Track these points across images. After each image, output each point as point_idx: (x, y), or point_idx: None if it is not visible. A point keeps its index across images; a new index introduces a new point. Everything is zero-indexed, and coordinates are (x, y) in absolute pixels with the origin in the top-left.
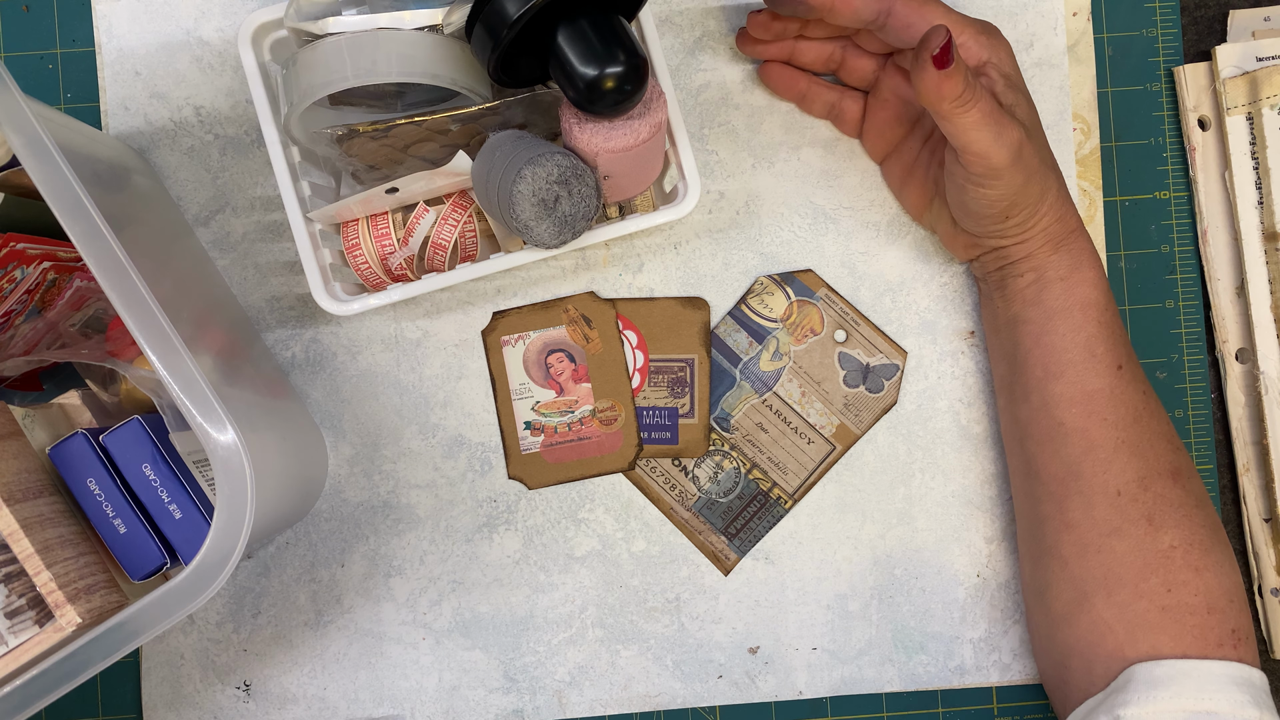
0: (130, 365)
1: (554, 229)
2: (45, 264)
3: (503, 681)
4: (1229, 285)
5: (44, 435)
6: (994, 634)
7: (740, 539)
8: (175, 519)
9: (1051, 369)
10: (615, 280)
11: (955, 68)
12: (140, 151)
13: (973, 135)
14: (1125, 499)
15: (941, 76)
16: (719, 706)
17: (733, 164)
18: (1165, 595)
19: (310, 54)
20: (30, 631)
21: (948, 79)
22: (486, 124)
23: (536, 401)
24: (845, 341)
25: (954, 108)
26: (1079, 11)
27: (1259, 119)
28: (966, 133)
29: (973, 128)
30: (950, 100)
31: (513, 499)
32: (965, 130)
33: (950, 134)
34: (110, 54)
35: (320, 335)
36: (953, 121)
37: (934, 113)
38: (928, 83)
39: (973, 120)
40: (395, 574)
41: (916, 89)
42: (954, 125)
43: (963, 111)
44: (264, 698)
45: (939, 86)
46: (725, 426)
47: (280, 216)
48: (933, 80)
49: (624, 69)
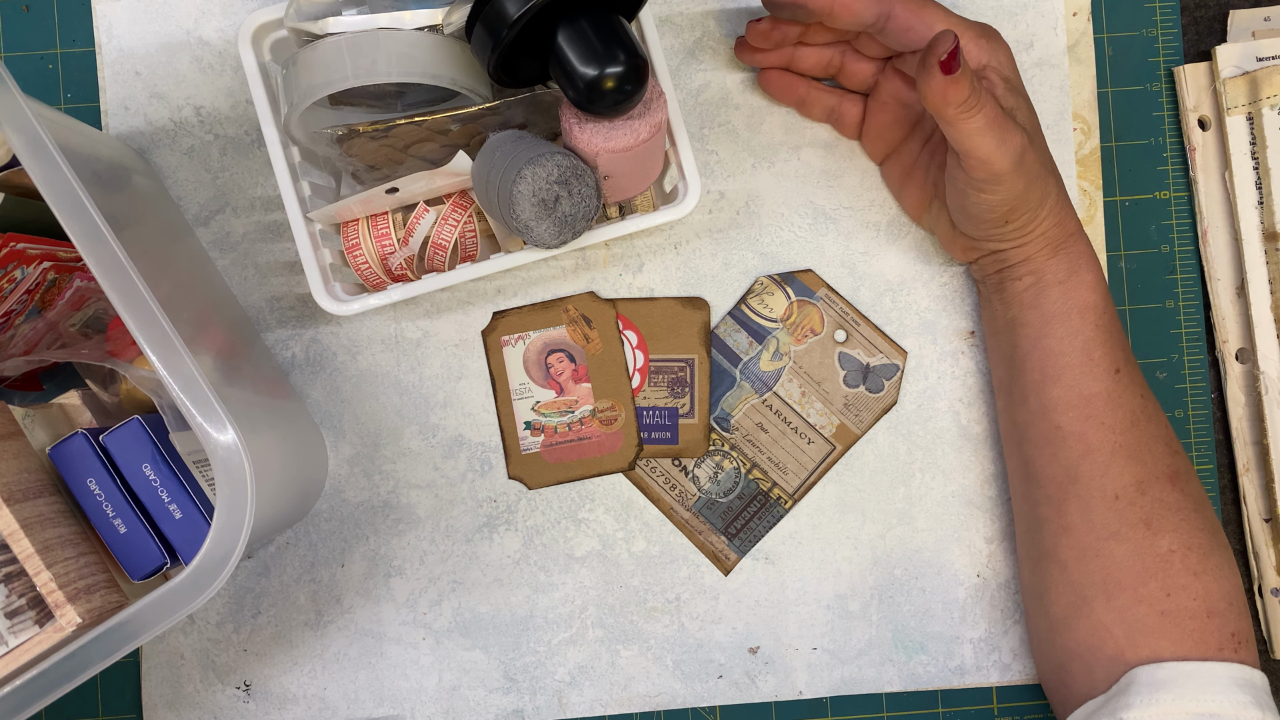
0: (130, 365)
1: (554, 229)
2: (45, 264)
3: (503, 681)
4: (1229, 285)
5: (44, 435)
6: (994, 634)
7: (740, 539)
8: (175, 519)
9: (1049, 372)
10: (615, 280)
11: (962, 73)
12: (140, 151)
13: (977, 140)
14: (1123, 503)
15: (948, 82)
16: (719, 706)
17: (733, 164)
18: (1164, 599)
19: (310, 54)
20: (30, 631)
21: (954, 84)
22: (486, 124)
23: (536, 401)
24: (845, 341)
25: (959, 113)
26: (1079, 11)
27: (1259, 119)
28: (970, 138)
29: (977, 133)
30: (956, 105)
31: (513, 499)
32: (969, 135)
33: (954, 139)
34: (110, 54)
35: (320, 335)
36: (957, 127)
37: (939, 118)
38: (934, 88)
39: (977, 126)
40: (395, 574)
41: (922, 94)
42: (958, 130)
43: (968, 117)
44: (264, 698)
45: (945, 92)
46: (725, 426)
47: (280, 216)
48: (939, 85)
49: (624, 69)
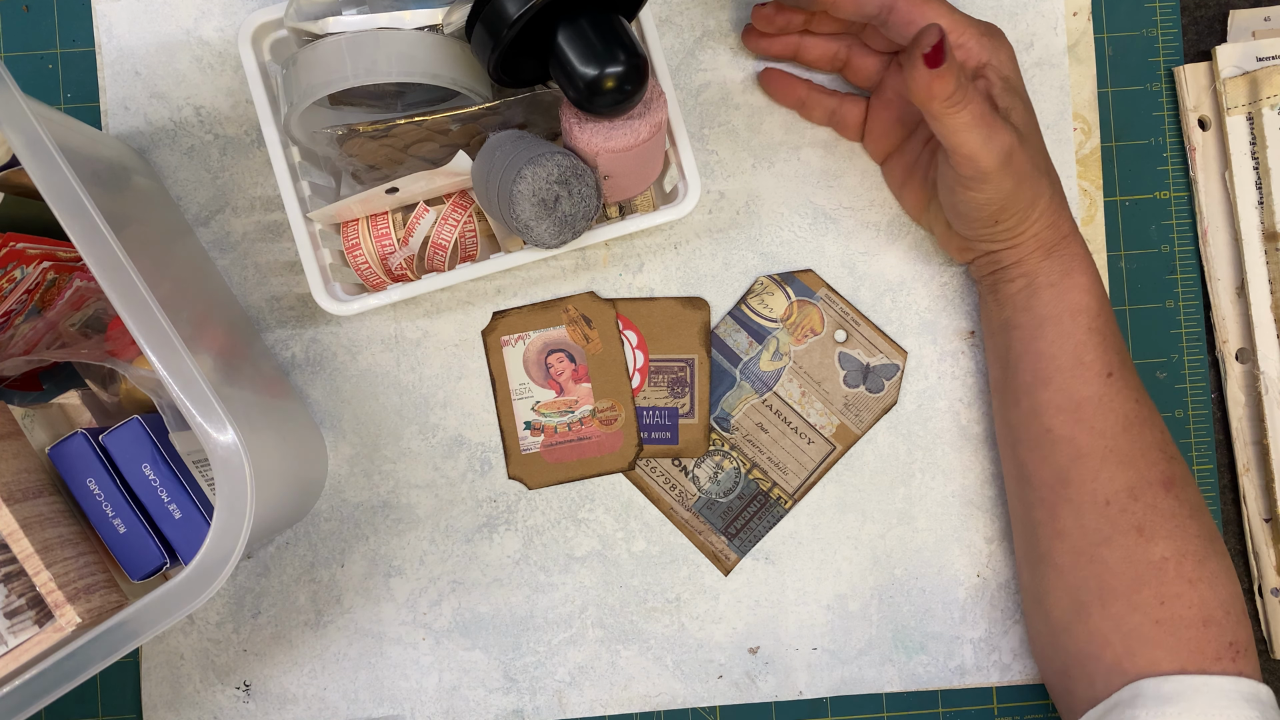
0: (130, 365)
1: (554, 229)
2: (45, 264)
3: (503, 681)
4: (1229, 285)
5: (44, 435)
6: (994, 634)
7: (740, 539)
8: (175, 519)
9: (1040, 375)
10: (615, 280)
11: (947, 67)
12: (140, 151)
13: (962, 136)
14: (1115, 509)
15: (932, 75)
16: (719, 706)
17: (733, 164)
18: (1159, 608)
19: (310, 54)
20: (30, 631)
21: (939, 78)
22: (486, 124)
23: (536, 401)
24: (845, 341)
25: (944, 108)
26: (1079, 11)
27: (1259, 119)
28: (956, 134)
29: (963, 129)
30: (941, 100)
31: (513, 499)
32: (955, 131)
33: (940, 134)
34: (110, 54)
35: (320, 335)
36: (943, 121)
37: (925, 112)
38: (919, 81)
39: (963, 121)
40: (395, 574)
41: (908, 87)
42: (944, 125)
43: (953, 112)
44: (264, 698)
45: (930, 85)
46: (725, 426)
47: (280, 216)
48: (924, 79)
49: (624, 69)
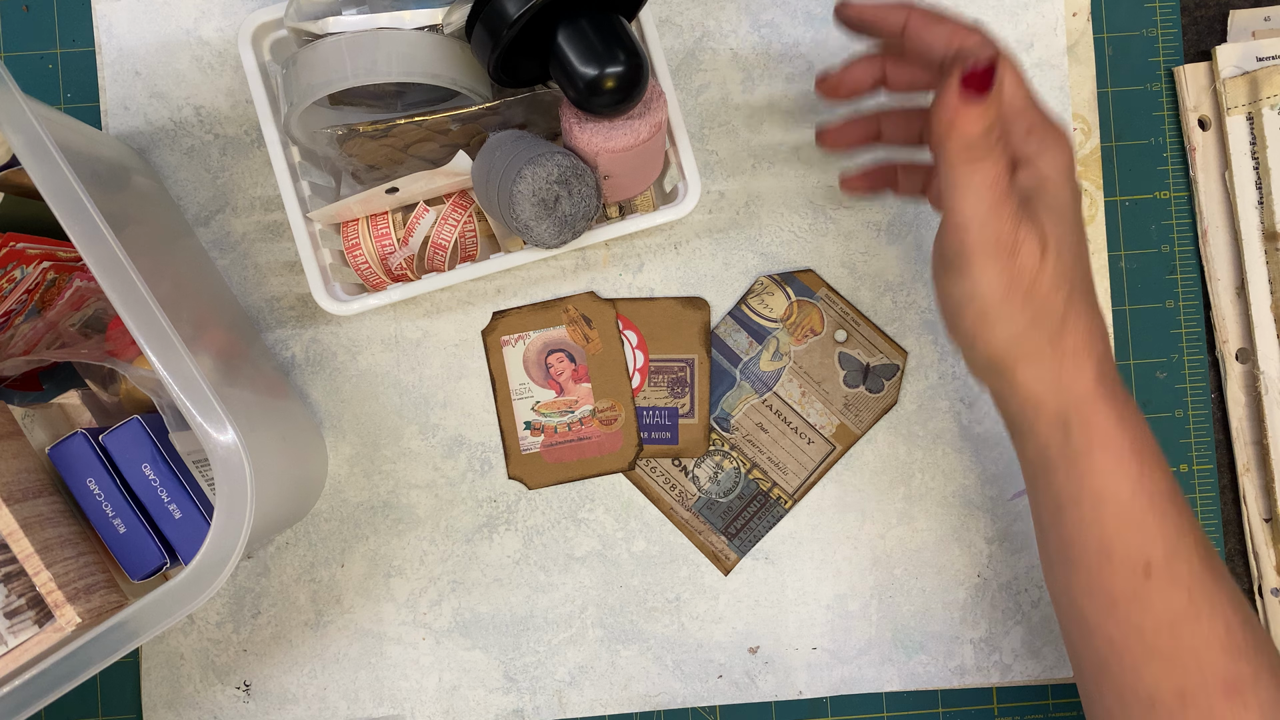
0: (130, 365)
1: (554, 229)
2: (45, 264)
3: (503, 681)
4: (1229, 285)
5: (44, 435)
6: (995, 634)
7: (740, 539)
8: (175, 519)
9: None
10: (615, 280)
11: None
12: (140, 151)
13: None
14: (1162, 712)
15: (963, 103)
16: (719, 706)
17: (733, 164)
18: None
19: (310, 54)
20: (30, 631)
21: (968, 110)
22: (486, 124)
23: (536, 401)
24: (845, 341)
25: (959, 150)
26: (1079, 11)
27: (1259, 119)
28: (957, 190)
29: (969, 190)
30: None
31: (513, 499)
32: (957, 187)
33: (942, 185)
34: (110, 54)
35: (320, 335)
36: (953, 171)
37: (936, 149)
38: (946, 104)
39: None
40: (395, 574)
41: (931, 109)
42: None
43: (967, 165)
44: (264, 698)
45: (955, 113)
46: (725, 426)
47: (280, 216)
48: (952, 104)
49: (624, 69)
